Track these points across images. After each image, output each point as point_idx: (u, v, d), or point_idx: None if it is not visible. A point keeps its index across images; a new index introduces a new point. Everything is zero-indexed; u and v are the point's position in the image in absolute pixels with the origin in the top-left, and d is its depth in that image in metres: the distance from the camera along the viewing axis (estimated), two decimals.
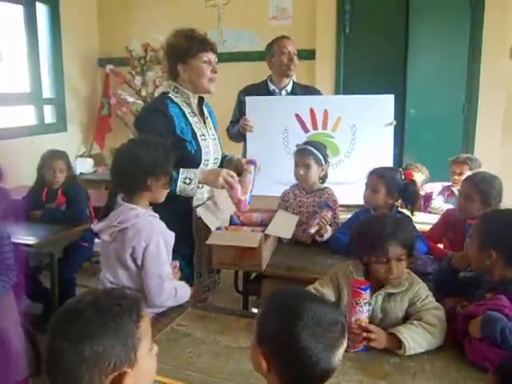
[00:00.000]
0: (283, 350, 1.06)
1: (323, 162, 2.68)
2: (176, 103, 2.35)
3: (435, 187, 3.69)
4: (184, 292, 1.98)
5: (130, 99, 5.04)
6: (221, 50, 4.90)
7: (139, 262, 1.84)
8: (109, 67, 5.28)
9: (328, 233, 2.50)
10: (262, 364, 1.08)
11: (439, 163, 3.85)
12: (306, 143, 2.76)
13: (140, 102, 5.08)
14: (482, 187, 2.38)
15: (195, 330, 1.80)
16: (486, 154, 3.92)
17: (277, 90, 3.34)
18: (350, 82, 4.58)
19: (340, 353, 1.08)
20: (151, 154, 1.88)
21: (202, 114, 2.47)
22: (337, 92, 4.59)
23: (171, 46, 2.36)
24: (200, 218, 2.30)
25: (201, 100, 2.48)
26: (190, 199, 2.35)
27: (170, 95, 2.38)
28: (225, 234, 2.33)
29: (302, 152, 2.69)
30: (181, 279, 2.05)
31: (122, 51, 5.14)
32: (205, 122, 2.45)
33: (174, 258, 1.99)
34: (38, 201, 3.37)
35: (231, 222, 2.54)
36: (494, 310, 1.57)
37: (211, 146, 2.43)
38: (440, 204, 3.40)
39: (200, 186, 2.33)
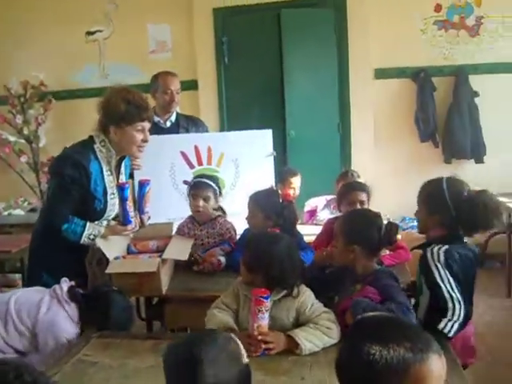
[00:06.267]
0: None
1: (218, 193, 2.80)
2: (98, 159, 2.38)
3: (319, 201, 3.96)
4: None
5: (12, 139, 4.91)
6: (104, 83, 5.00)
7: None
8: None
9: (222, 262, 2.58)
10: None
11: (320, 179, 4.15)
12: (201, 176, 2.84)
13: (22, 140, 4.97)
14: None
15: (102, 357, 1.82)
16: (361, 168, 4.29)
17: (161, 121, 3.43)
18: (232, 110, 4.81)
19: None
20: None
21: (118, 171, 2.52)
22: (221, 120, 4.80)
23: (108, 105, 2.34)
24: (98, 249, 2.34)
25: (122, 157, 2.52)
26: None
27: (95, 147, 2.39)
28: (123, 262, 2.38)
29: (200, 184, 2.76)
30: None
31: (0, 89, 4.99)
32: (118, 181, 2.51)
33: None
34: None
35: (128, 251, 2.57)
36: None
37: (117, 204, 2.48)
38: (326, 215, 3.65)
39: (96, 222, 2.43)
